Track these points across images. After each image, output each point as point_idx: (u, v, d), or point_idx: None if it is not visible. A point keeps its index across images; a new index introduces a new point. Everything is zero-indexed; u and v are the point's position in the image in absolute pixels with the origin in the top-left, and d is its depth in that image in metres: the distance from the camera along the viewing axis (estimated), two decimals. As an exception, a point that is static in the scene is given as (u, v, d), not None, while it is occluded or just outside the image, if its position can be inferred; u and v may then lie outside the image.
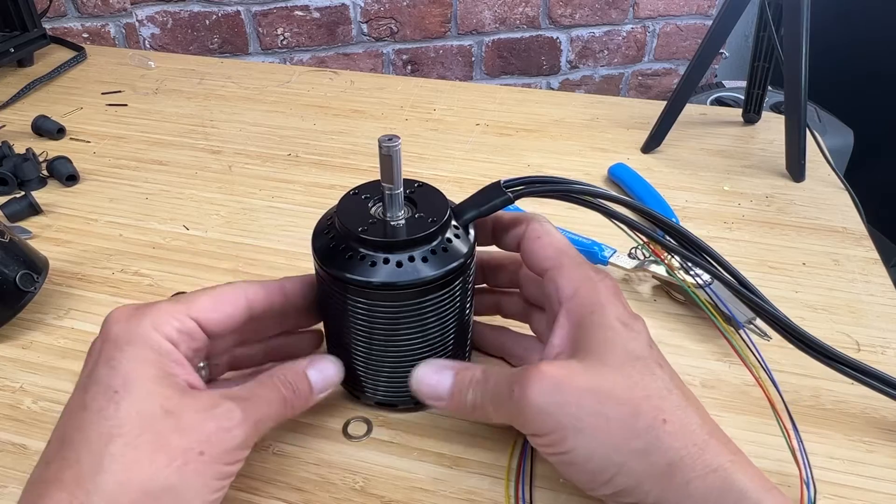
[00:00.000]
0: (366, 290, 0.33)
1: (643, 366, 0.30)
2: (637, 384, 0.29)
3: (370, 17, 1.45)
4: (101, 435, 0.27)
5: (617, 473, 0.29)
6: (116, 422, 0.27)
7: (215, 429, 0.29)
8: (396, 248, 0.33)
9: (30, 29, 0.85)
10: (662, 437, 0.28)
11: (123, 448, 0.27)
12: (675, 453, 0.28)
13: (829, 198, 0.61)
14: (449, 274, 0.33)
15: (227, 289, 0.34)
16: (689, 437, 0.28)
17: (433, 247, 0.34)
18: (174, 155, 0.67)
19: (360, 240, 0.33)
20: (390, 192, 0.34)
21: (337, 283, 0.34)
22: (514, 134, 0.72)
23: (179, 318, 0.31)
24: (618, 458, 0.28)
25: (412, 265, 0.33)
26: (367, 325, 0.34)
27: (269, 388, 0.32)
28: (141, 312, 0.31)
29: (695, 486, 0.27)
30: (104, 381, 0.29)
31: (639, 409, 0.29)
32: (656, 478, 0.28)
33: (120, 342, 0.30)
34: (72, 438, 0.28)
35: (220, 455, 0.29)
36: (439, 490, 0.35)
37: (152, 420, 0.28)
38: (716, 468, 0.28)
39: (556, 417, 0.29)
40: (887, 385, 0.37)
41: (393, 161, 0.33)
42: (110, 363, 0.29)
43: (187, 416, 0.28)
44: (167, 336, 0.31)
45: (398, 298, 0.33)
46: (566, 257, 0.34)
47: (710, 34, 0.64)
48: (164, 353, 0.30)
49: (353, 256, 0.33)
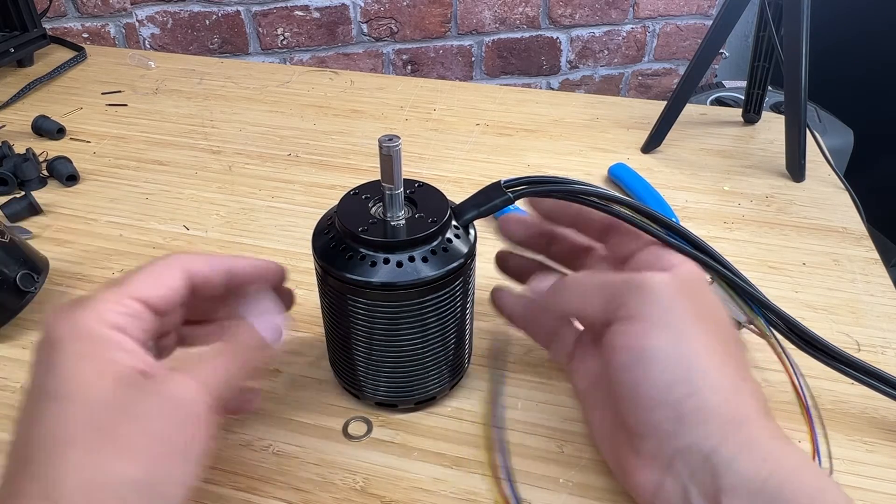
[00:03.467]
0: (366, 291, 0.33)
1: (734, 333, 0.32)
2: (731, 341, 0.31)
3: (370, 17, 1.45)
4: (56, 445, 0.26)
5: (691, 394, 0.28)
6: (69, 429, 0.26)
7: (169, 408, 0.27)
8: (396, 249, 0.33)
9: (30, 29, 0.85)
10: (742, 389, 0.29)
11: (81, 455, 0.26)
12: (747, 409, 0.29)
13: (829, 198, 0.61)
14: (449, 274, 0.33)
15: (163, 263, 0.32)
16: (760, 402, 0.29)
17: (433, 247, 0.34)
18: (174, 155, 0.67)
19: (360, 240, 0.33)
20: (390, 193, 0.34)
21: (337, 283, 0.34)
22: (514, 134, 0.72)
23: (122, 303, 0.30)
24: (699, 379, 0.29)
25: (412, 265, 0.33)
26: (367, 325, 0.34)
27: (216, 349, 0.31)
28: (80, 307, 0.29)
29: (757, 445, 0.28)
30: (46, 388, 0.27)
31: (730, 350, 0.30)
32: (723, 422, 0.28)
33: (58, 341, 0.28)
34: (28, 451, 0.26)
35: (182, 434, 0.27)
36: (439, 490, 0.35)
37: (102, 420, 0.26)
38: (778, 437, 0.28)
39: (668, 309, 0.30)
40: (887, 384, 0.37)
41: (393, 161, 0.33)
42: (50, 368, 0.28)
43: (139, 407, 0.27)
44: (113, 324, 0.29)
45: (398, 299, 0.33)
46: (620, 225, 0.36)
47: (710, 34, 0.64)
48: (107, 342, 0.28)
49: (353, 256, 0.33)
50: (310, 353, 0.43)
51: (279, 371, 0.42)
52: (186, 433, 0.28)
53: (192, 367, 0.29)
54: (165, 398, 0.28)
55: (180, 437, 0.27)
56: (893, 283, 0.50)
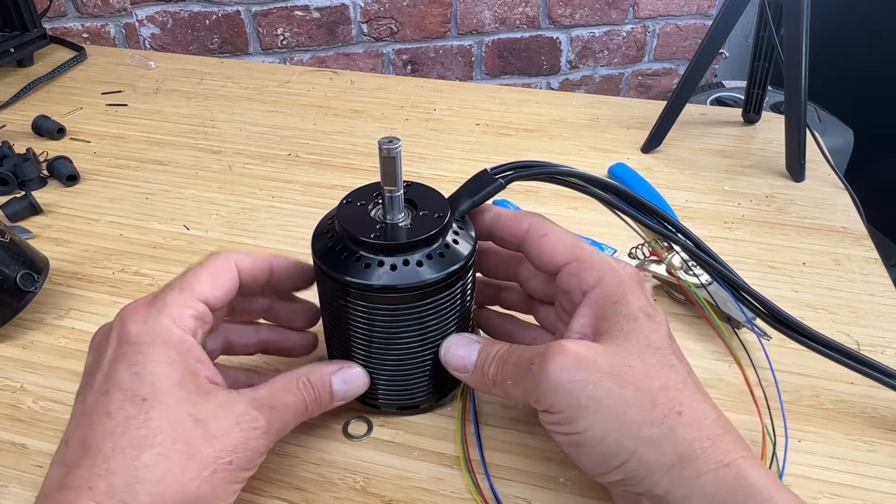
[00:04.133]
0: (366, 293, 0.33)
1: (662, 356, 0.30)
2: (656, 373, 0.30)
3: (370, 17, 1.45)
4: (133, 445, 0.27)
5: (628, 460, 0.28)
6: (148, 431, 0.27)
7: (242, 439, 0.29)
8: (396, 251, 0.33)
9: (30, 29, 0.85)
10: (677, 428, 0.28)
11: (156, 458, 0.27)
12: (688, 446, 0.28)
13: (829, 198, 0.61)
14: (449, 277, 0.33)
15: (218, 261, 0.33)
16: (703, 431, 0.28)
17: (433, 249, 0.33)
18: (174, 155, 0.67)
19: (359, 242, 0.33)
20: (390, 195, 0.33)
21: (337, 286, 0.33)
22: (514, 134, 0.72)
23: (192, 306, 0.31)
24: (630, 443, 0.28)
25: (412, 268, 0.33)
26: (366, 328, 0.34)
27: (293, 393, 0.32)
28: (157, 308, 0.30)
29: (705, 480, 0.27)
30: (129, 388, 0.28)
31: (656, 397, 0.29)
32: (667, 468, 0.28)
33: (141, 343, 0.29)
34: (100, 447, 0.27)
35: (245, 463, 0.29)
36: (440, 490, 0.35)
37: (183, 429, 0.28)
38: (727, 463, 0.28)
39: (573, 395, 0.29)
40: (883, 374, 0.38)
41: (395, 163, 0.32)
42: (133, 368, 0.28)
43: (215, 425, 0.29)
44: (188, 329, 0.30)
45: (398, 302, 0.33)
46: (581, 250, 0.34)
47: (710, 34, 0.64)
48: (186, 350, 0.30)
49: (352, 259, 0.33)
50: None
51: (279, 371, 0.41)
52: (248, 464, 0.30)
53: (269, 408, 0.31)
54: (240, 430, 0.29)
55: (242, 466, 0.29)
56: (893, 283, 0.50)
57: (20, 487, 0.34)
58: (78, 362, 0.42)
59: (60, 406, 0.39)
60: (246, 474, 0.30)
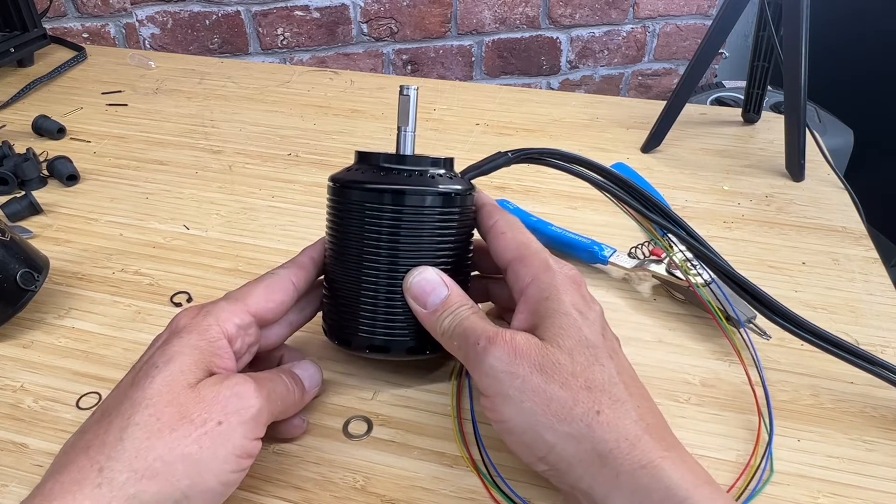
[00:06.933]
0: (379, 195, 0.35)
1: (592, 354, 0.31)
2: (582, 371, 0.30)
3: (370, 17, 1.45)
4: (132, 405, 0.29)
5: (549, 452, 0.30)
6: (148, 392, 0.29)
7: (230, 395, 0.30)
8: (408, 162, 0.36)
9: (30, 29, 0.86)
10: (594, 427, 0.29)
11: (148, 417, 0.28)
12: (605, 445, 0.29)
13: (829, 197, 0.61)
14: (452, 193, 0.36)
15: (275, 279, 0.36)
16: (621, 432, 0.29)
17: (440, 171, 0.37)
18: (174, 155, 0.67)
19: (375, 158, 0.37)
20: (405, 132, 0.37)
21: (345, 194, 0.36)
22: (514, 134, 0.72)
23: (240, 315, 0.34)
24: (550, 437, 0.30)
25: (421, 178, 0.36)
26: (373, 242, 0.35)
27: (273, 373, 0.35)
28: (206, 311, 0.33)
29: (623, 480, 0.28)
30: (151, 360, 0.31)
31: (577, 396, 0.30)
32: (587, 465, 0.29)
33: (180, 331, 0.32)
34: (108, 409, 0.30)
35: (238, 426, 0.30)
36: (440, 489, 0.35)
37: (178, 393, 0.29)
38: (645, 464, 0.28)
39: (503, 384, 0.31)
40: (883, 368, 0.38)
41: (409, 101, 0.36)
42: (164, 346, 0.31)
43: (206, 389, 0.30)
44: (226, 332, 0.33)
45: (402, 203, 0.35)
46: (526, 248, 0.35)
47: (709, 34, 0.65)
48: (213, 342, 0.32)
49: (367, 171, 0.36)
50: (309, 352, 0.43)
51: (279, 370, 0.42)
52: (241, 428, 0.30)
53: (255, 376, 0.32)
54: (227, 388, 0.31)
55: (235, 428, 0.30)
56: (893, 282, 0.50)
57: (20, 487, 0.35)
58: (78, 361, 0.42)
59: (60, 405, 0.39)
60: (242, 443, 0.30)
